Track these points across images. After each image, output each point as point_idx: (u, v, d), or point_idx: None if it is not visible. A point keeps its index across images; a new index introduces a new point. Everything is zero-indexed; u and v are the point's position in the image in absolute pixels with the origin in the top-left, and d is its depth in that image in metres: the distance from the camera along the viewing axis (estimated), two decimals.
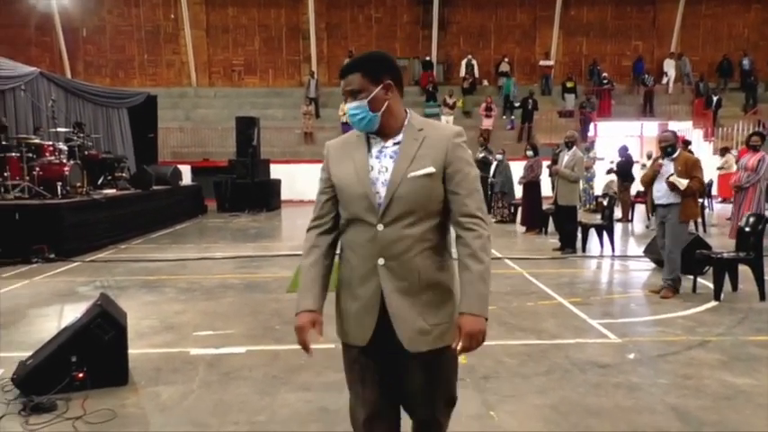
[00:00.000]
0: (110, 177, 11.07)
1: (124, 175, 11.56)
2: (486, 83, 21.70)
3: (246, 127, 14.90)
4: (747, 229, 6.04)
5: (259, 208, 14.46)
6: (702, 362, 4.09)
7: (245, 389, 3.66)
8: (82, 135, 10.61)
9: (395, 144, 1.93)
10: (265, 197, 14.83)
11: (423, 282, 1.90)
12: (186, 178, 14.98)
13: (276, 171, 16.28)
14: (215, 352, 4.33)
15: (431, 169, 1.87)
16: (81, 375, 3.50)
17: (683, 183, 5.60)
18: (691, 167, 5.70)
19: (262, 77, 22.18)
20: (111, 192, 10.42)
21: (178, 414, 3.32)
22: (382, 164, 1.92)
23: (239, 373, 3.93)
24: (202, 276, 7.05)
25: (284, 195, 16.30)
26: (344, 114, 16.03)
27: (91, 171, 10.34)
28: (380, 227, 1.87)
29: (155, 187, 11.72)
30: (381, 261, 1.89)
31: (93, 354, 3.56)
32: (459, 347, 1.84)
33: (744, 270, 5.97)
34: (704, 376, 3.82)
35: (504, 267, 7.50)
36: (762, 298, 5.73)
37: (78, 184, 9.38)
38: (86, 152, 10.57)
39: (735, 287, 6.03)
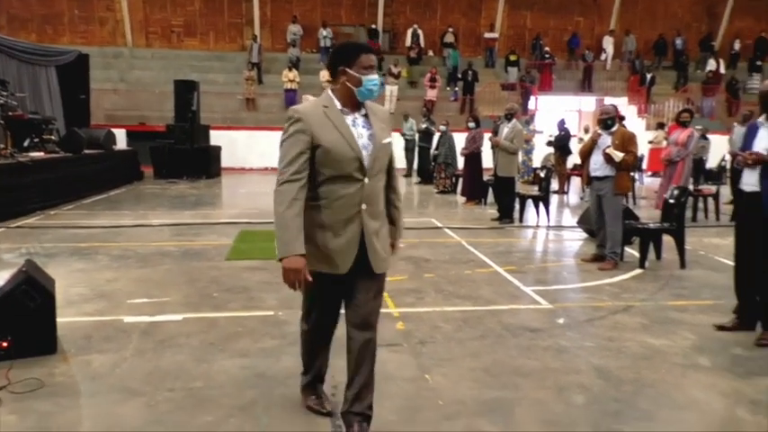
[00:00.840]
0: (37, 140, 10.43)
1: (53, 137, 10.90)
2: (431, 53, 21.66)
3: (186, 91, 14.36)
4: (672, 201, 6.37)
5: (198, 175, 14.05)
6: (625, 325, 4.34)
7: (180, 356, 3.61)
8: (5, 93, 9.92)
9: (362, 116, 2.50)
10: (205, 164, 14.42)
11: (383, 222, 2.60)
12: (121, 143, 14.34)
13: (216, 137, 15.83)
14: (150, 320, 4.24)
15: (391, 139, 2.56)
16: (5, 344, 3.35)
17: (618, 155, 5.82)
18: (627, 142, 5.91)
19: (202, 40, 21.32)
20: (38, 155, 9.86)
21: (110, 382, 3.25)
22: (358, 131, 2.47)
23: (175, 340, 3.87)
24: (138, 244, 6.84)
25: (224, 162, 15.88)
26: (289, 81, 15.69)
27: (16, 132, 9.73)
28: (367, 180, 2.45)
29: (86, 151, 11.17)
30: (364, 206, 2.47)
31: (19, 322, 3.42)
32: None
33: (668, 240, 6.31)
34: (626, 339, 4.06)
35: (444, 236, 7.64)
36: (682, 266, 6.09)
37: (2, 146, 8.84)
38: (10, 112, 9.92)
39: (659, 256, 6.38)
